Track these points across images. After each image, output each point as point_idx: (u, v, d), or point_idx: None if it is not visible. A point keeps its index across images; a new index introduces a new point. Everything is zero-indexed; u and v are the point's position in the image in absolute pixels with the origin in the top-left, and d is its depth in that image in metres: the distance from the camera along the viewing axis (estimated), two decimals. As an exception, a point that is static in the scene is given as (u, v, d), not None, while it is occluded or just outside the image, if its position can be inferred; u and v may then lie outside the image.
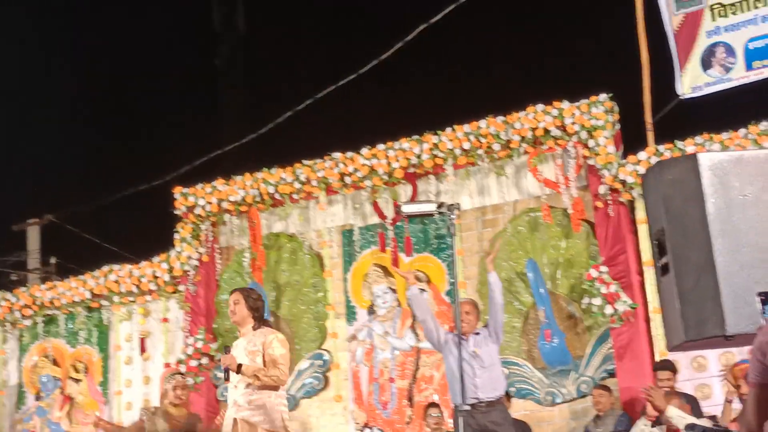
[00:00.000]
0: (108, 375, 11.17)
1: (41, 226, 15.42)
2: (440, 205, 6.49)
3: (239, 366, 6.38)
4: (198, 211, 10.79)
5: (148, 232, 13.42)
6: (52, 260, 15.34)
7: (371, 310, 10.03)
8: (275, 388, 6.45)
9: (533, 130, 9.41)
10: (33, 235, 15.35)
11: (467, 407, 6.30)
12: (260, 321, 6.67)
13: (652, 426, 7.07)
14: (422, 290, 9.77)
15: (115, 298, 11.13)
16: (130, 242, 14.17)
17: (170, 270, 10.82)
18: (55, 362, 11.43)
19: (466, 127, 9.72)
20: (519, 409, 9.10)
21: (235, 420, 6.41)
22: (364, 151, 10.13)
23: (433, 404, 9.13)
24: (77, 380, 11.28)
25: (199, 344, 10.40)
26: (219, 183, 10.81)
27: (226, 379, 6.49)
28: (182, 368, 10.39)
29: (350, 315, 10.13)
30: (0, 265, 15.16)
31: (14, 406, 11.55)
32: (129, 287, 11.01)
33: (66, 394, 11.30)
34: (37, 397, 11.46)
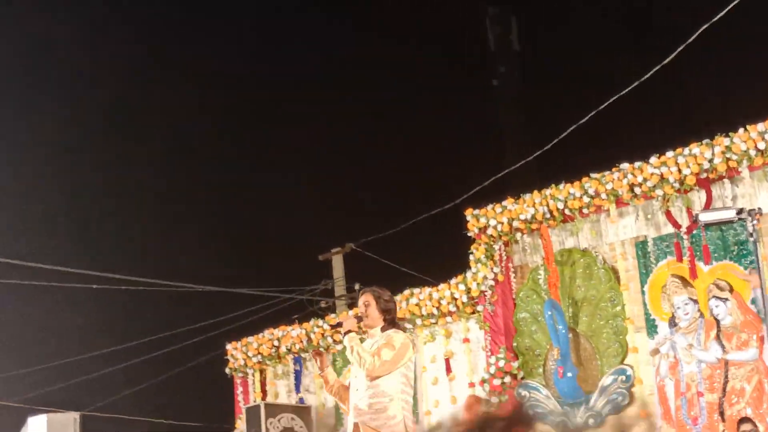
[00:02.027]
0: (416, 396, 11.60)
1: (344, 254, 16.25)
2: (740, 211, 6.28)
3: (349, 331, 6.14)
4: (490, 231, 11.00)
5: (443, 255, 13.83)
6: (356, 286, 16.11)
7: (672, 323, 9.79)
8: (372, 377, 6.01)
9: (835, 123, 8.86)
10: (337, 264, 16.20)
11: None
12: (391, 323, 6.27)
13: None
14: (725, 300, 9.42)
15: (418, 321, 11.55)
16: (427, 265, 14.64)
17: (468, 291, 11.09)
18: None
19: (760, 126, 9.30)
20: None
21: (356, 425, 6.08)
22: (653, 159, 9.94)
23: (745, 419, 8.77)
24: (388, 401, 11.80)
25: (501, 363, 10.59)
26: (508, 202, 10.97)
27: (335, 327, 6.47)
28: (486, 387, 10.65)
29: (651, 328, 9.94)
30: (310, 293, 16.13)
31: (333, 427, 12.26)
32: (430, 310, 11.40)
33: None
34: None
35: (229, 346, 13.32)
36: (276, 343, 12.75)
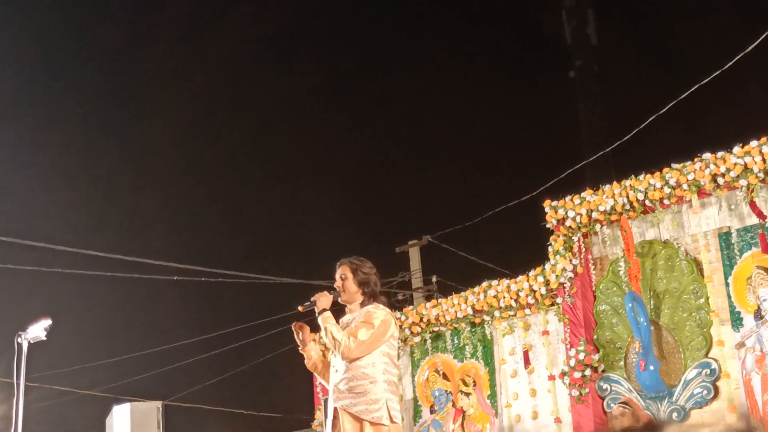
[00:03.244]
0: (495, 388, 11.59)
1: (421, 246, 16.30)
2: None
3: (324, 310, 5.64)
4: (569, 222, 10.91)
5: (521, 247, 13.78)
6: (434, 279, 16.17)
7: (758, 315, 9.61)
8: (348, 358, 5.53)
9: None
10: (414, 256, 16.26)
11: None
12: (371, 297, 5.76)
13: None
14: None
15: (496, 313, 11.52)
16: (504, 257, 14.62)
17: (546, 283, 11.03)
18: (445, 377, 12.06)
19: None
20: None
21: (335, 409, 5.60)
22: (736, 149, 9.76)
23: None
24: (467, 394, 11.83)
25: (581, 356, 10.52)
26: (587, 193, 10.87)
27: (307, 306, 5.77)
28: (566, 380, 10.59)
29: (736, 321, 9.77)
30: (387, 285, 16.21)
31: (411, 419, 12.31)
32: (508, 302, 11.36)
33: (458, 407, 11.88)
34: (431, 411, 12.13)
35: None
36: (354, 335, 12.82)
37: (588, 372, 10.48)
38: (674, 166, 10.23)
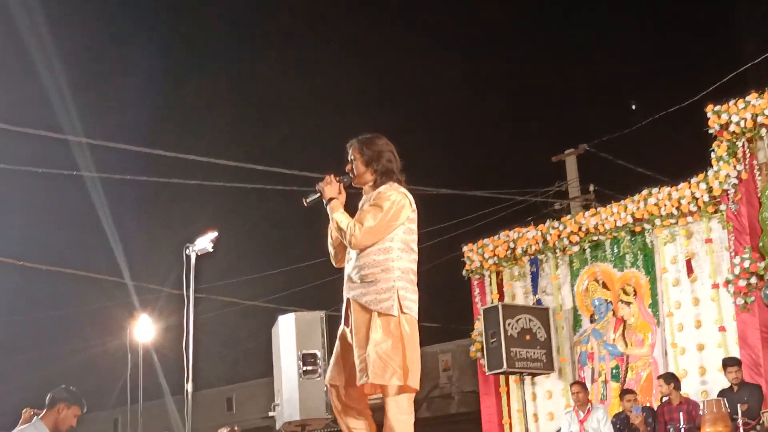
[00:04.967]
0: (656, 297, 11.45)
1: (578, 155, 16.08)
2: None
3: (331, 199, 5.11)
4: (732, 128, 10.57)
5: (682, 153, 13.42)
6: (591, 188, 15.96)
7: None
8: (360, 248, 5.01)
9: None
10: (571, 165, 16.07)
11: None
12: (384, 175, 5.12)
13: None
14: None
15: (657, 221, 11.32)
16: (664, 165, 14.25)
17: (709, 190, 10.75)
18: (604, 286, 11.98)
19: None
20: None
21: (347, 300, 5.11)
22: None
23: None
24: (628, 303, 11.73)
25: (746, 263, 10.26)
26: (752, 97, 10.49)
27: (311, 200, 5.20)
28: (730, 289, 10.36)
29: None
30: (544, 195, 16.11)
31: (571, 328, 12.32)
32: (669, 210, 11.14)
33: (618, 316, 11.81)
34: (591, 320, 12.10)
35: (465, 248, 13.51)
36: (512, 245, 12.84)
37: (753, 280, 10.22)
38: None
